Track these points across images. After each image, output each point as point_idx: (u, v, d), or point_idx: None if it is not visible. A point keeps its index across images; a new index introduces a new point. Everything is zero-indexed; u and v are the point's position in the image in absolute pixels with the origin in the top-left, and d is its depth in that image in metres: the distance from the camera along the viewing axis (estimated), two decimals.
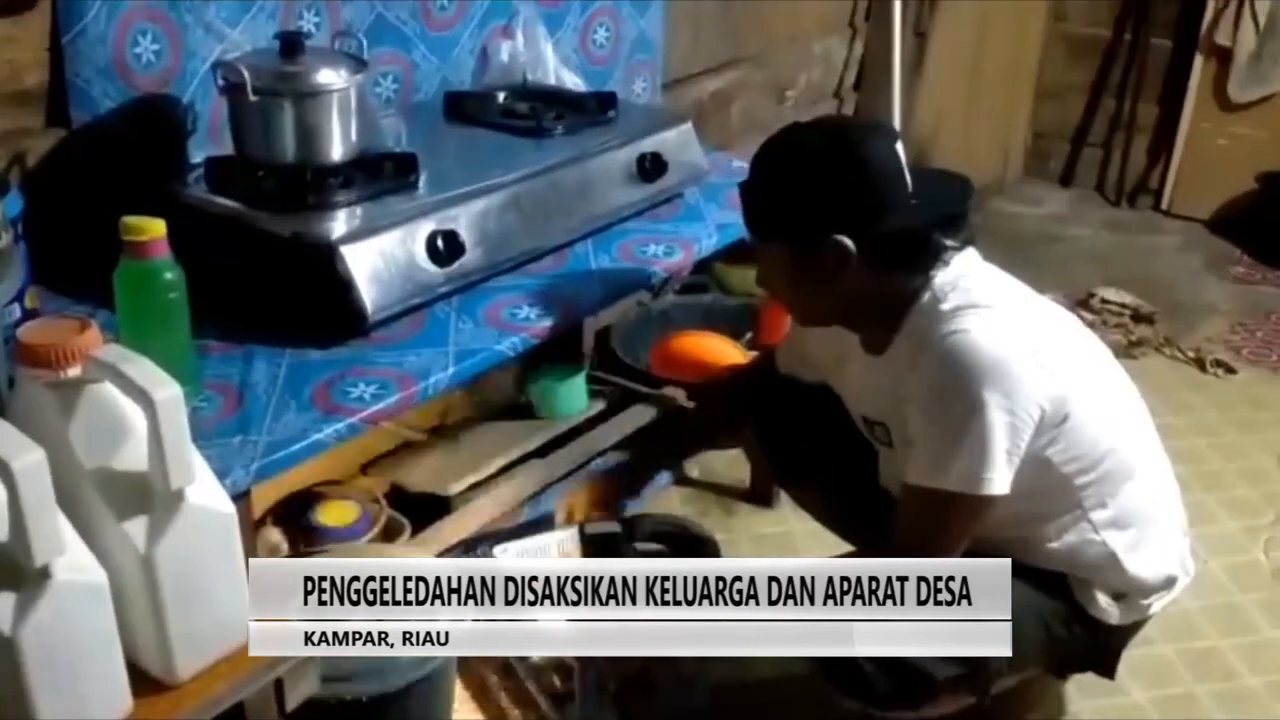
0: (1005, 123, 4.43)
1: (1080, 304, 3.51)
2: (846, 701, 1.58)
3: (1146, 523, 1.59)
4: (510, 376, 2.45)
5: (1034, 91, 4.51)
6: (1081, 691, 1.79)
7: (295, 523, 2.07)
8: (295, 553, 2.01)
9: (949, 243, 1.51)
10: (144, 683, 1.13)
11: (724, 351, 2.43)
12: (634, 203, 1.88)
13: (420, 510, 2.16)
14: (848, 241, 1.45)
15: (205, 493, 1.13)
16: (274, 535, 2.02)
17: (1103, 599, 1.61)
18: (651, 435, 2.13)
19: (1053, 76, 4.47)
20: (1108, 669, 1.71)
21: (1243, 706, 1.99)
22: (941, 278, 1.50)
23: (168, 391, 1.06)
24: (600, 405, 2.47)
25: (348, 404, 1.37)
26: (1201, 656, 2.10)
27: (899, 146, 1.49)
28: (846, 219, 1.46)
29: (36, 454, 0.97)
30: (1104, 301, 3.47)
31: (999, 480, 1.44)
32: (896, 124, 3.55)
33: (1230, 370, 3.18)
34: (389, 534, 2.12)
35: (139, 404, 1.06)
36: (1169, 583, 1.65)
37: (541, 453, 2.34)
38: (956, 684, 1.55)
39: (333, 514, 2.09)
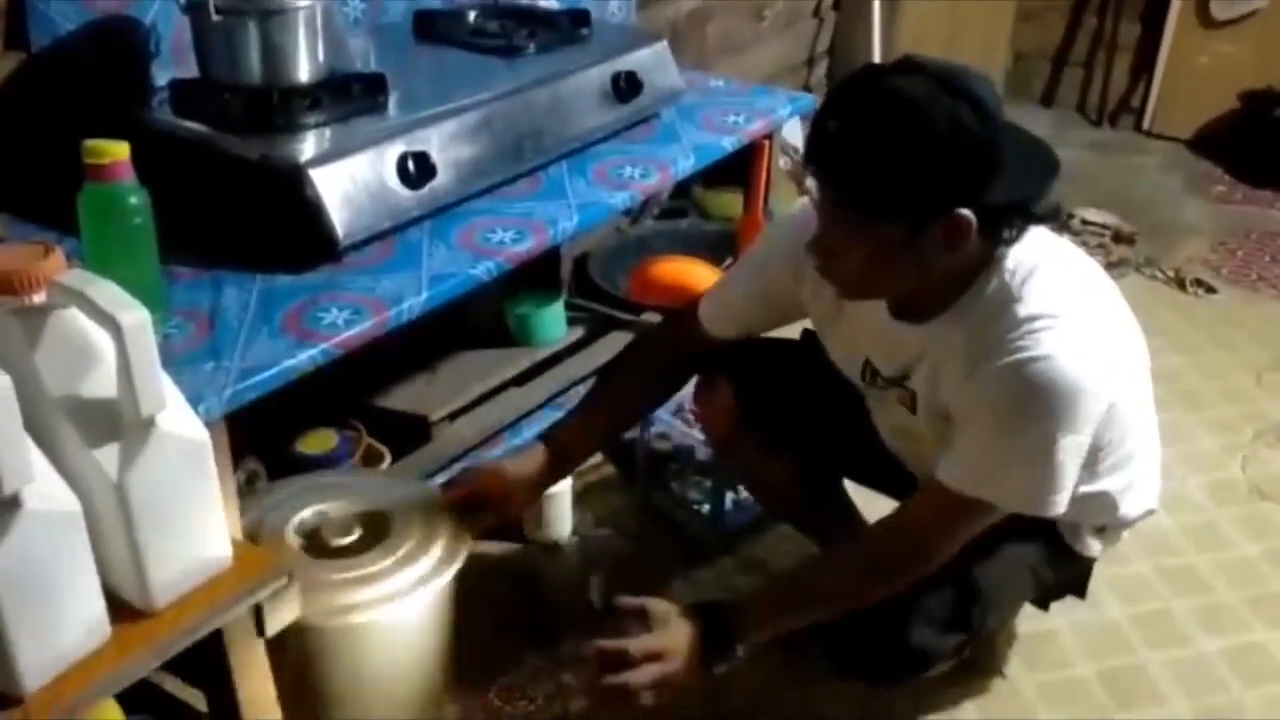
0: (986, 43, 4.38)
1: (1060, 225, 3.50)
2: (850, 682, 1.60)
3: (1138, 463, 1.58)
4: (489, 303, 2.43)
5: (1015, 11, 4.46)
6: (1059, 608, 1.80)
7: (274, 451, 2.07)
8: (274, 481, 2.01)
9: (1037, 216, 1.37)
10: (122, 610, 1.12)
11: (703, 276, 2.41)
12: (609, 124, 1.85)
13: (399, 437, 2.16)
14: (969, 214, 1.28)
15: (177, 420, 1.11)
16: (252, 464, 2.01)
17: (1089, 537, 1.62)
18: None
19: None
20: (1081, 590, 1.74)
21: (1218, 621, 2.01)
22: (1011, 255, 1.37)
23: (135, 316, 1.04)
24: (579, 332, 2.47)
25: (320, 330, 1.35)
26: (1178, 572, 2.12)
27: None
28: (966, 188, 1.28)
29: (2, 381, 0.95)
30: (1084, 222, 3.46)
31: (1058, 503, 1.40)
32: (876, 45, 3.51)
33: (1210, 290, 3.18)
34: (368, 461, 2.12)
35: (106, 329, 1.04)
36: (1148, 514, 1.66)
37: (521, 380, 2.34)
38: (956, 650, 1.57)
39: (312, 442, 2.09)
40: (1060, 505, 1.40)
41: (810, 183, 1.36)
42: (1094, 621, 1.97)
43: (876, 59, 3.46)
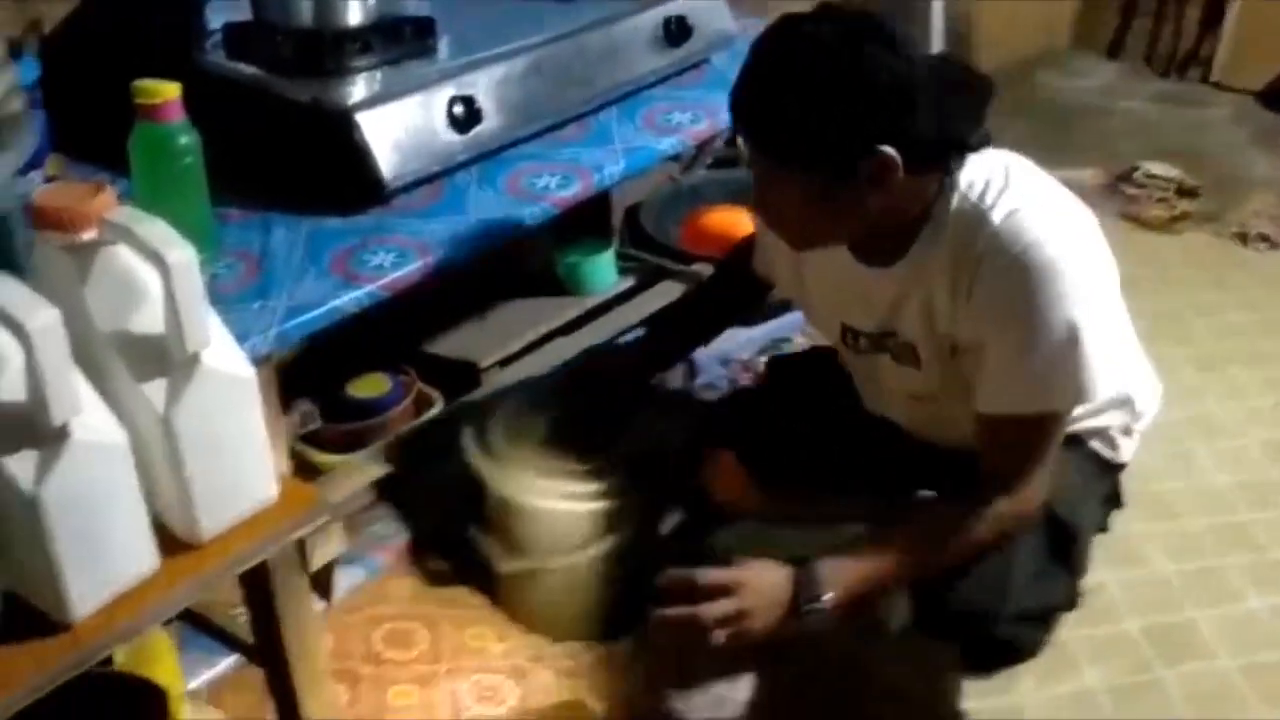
0: None
1: (1122, 178, 3.43)
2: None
3: (1129, 352, 1.55)
4: (541, 251, 2.44)
5: None
6: (1107, 562, 1.77)
7: (328, 394, 2.10)
8: (326, 422, 2.04)
9: (974, 144, 1.35)
10: (170, 542, 1.15)
11: (754, 226, 2.40)
12: (659, 69, 1.83)
13: (450, 382, 2.18)
14: (892, 152, 1.27)
15: (223, 357, 1.13)
16: (304, 405, 2.04)
17: (1120, 439, 1.58)
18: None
19: None
20: (1119, 501, 1.68)
21: (1270, 579, 1.98)
22: (965, 177, 1.36)
23: (181, 254, 1.06)
24: (630, 282, 2.47)
25: (367, 272, 1.37)
26: (1231, 530, 2.09)
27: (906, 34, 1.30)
28: (884, 127, 1.27)
29: (51, 314, 0.97)
30: (1148, 175, 3.39)
31: (1104, 384, 1.36)
32: None
33: (1274, 245, 3.11)
34: (420, 405, 2.14)
35: (153, 266, 1.06)
36: (1154, 402, 1.62)
37: (570, 328, 2.34)
38: (1072, 598, 1.56)
39: (364, 386, 2.11)
40: (1107, 387, 1.37)
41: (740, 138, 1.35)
42: (1142, 577, 1.95)
43: (937, 7, 3.41)
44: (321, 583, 1.44)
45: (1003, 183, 1.36)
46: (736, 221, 2.51)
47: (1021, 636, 1.51)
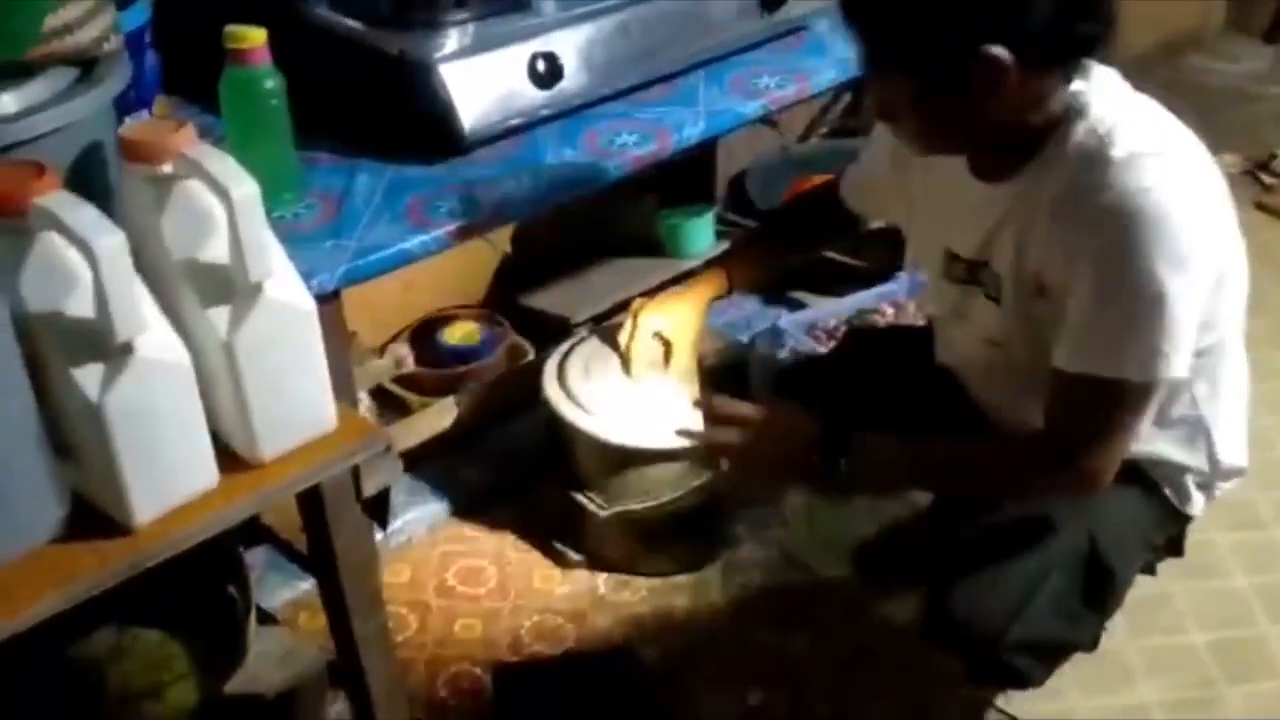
0: None
1: (1260, 166, 3.31)
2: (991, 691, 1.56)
3: (1231, 401, 1.48)
4: (642, 213, 2.48)
5: None
6: (1175, 572, 1.72)
7: (424, 339, 2.18)
8: (419, 367, 2.12)
9: (1088, 60, 1.29)
10: (230, 460, 1.22)
11: None
12: (753, 33, 1.84)
13: (543, 335, 2.24)
14: (1002, 52, 1.21)
15: (285, 288, 1.19)
16: (401, 349, 2.13)
17: (1193, 490, 1.52)
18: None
19: None
20: (1179, 549, 1.64)
21: None
22: (1097, 105, 1.29)
23: (245, 189, 1.12)
24: (727, 245, 2.49)
25: (438, 218, 1.43)
26: None
27: None
28: (994, 23, 1.21)
29: (117, 237, 1.04)
30: None
31: (1179, 363, 1.27)
32: None
33: None
34: (513, 355, 2.21)
35: (219, 199, 1.13)
36: (1239, 471, 1.54)
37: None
38: (1094, 639, 1.53)
39: (458, 334, 2.19)
40: (1180, 367, 1.27)
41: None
42: (1212, 588, 1.90)
43: None
44: (377, 510, 1.51)
45: (1139, 124, 1.29)
46: None
47: (1025, 665, 1.46)
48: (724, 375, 1.54)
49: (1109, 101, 1.30)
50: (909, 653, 1.76)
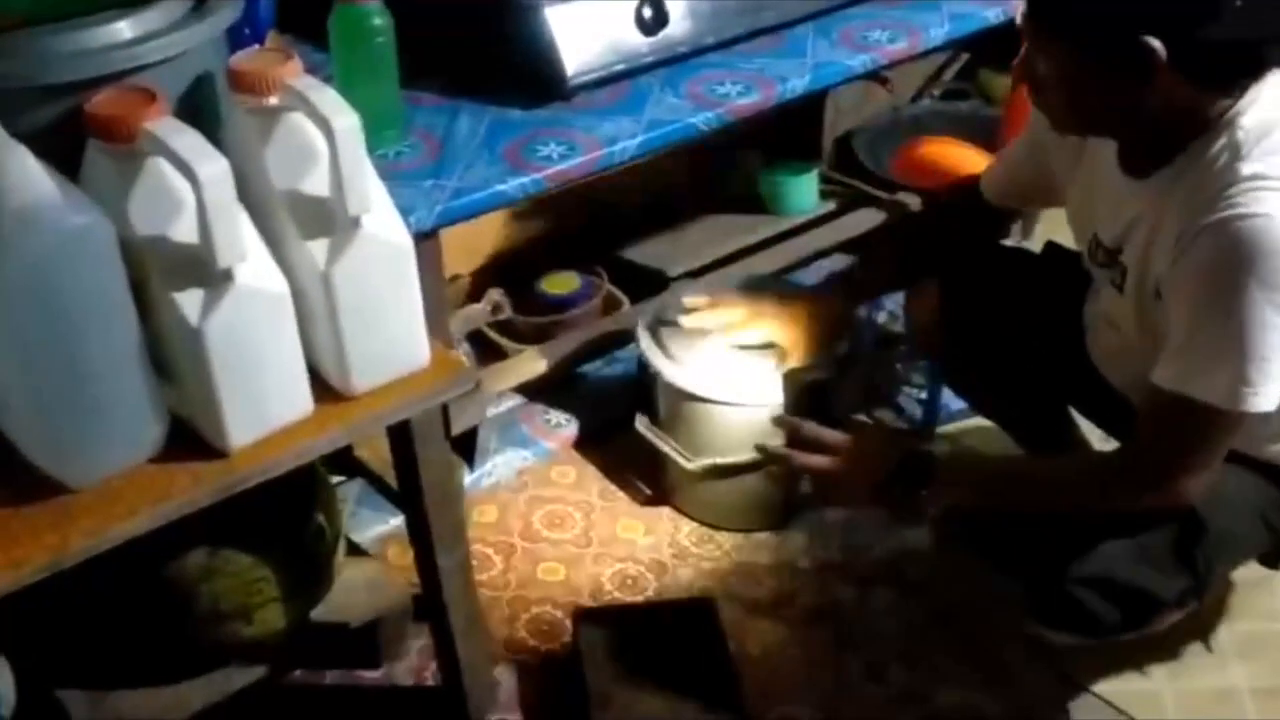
0: None
1: None
2: (1060, 637, 1.50)
3: None
4: (745, 169, 2.46)
5: None
6: None
7: (522, 286, 2.20)
8: (516, 313, 2.14)
9: (1267, 68, 1.25)
10: (325, 392, 1.24)
11: (969, 159, 2.34)
12: None
13: (640, 288, 2.25)
14: (1159, 46, 1.20)
15: (383, 224, 1.21)
16: (496, 294, 2.15)
17: None
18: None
19: None
20: None
21: None
22: (1250, 115, 1.25)
23: (346, 121, 1.13)
24: (830, 206, 2.46)
25: (535, 161, 1.43)
26: None
27: None
28: (1164, 19, 1.20)
29: (220, 164, 1.06)
30: None
31: (1266, 398, 1.25)
32: None
33: None
34: (608, 306, 2.22)
35: (321, 131, 1.15)
36: None
37: (764, 246, 2.36)
38: (1181, 597, 1.45)
39: (555, 283, 2.20)
40: (1263, 402, 1.25)
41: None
42: None
43: None
44: (465, 448, 1.53)
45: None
46: (949, 154, 2.45)
47: (1094, 603, 1.41)
48: (810, 393, 1.56)
49: (1262, 114, 1.26)
50: (990, 620, 1.74)
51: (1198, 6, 1.19)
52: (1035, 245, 1.86)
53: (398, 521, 1.80)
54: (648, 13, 1.56)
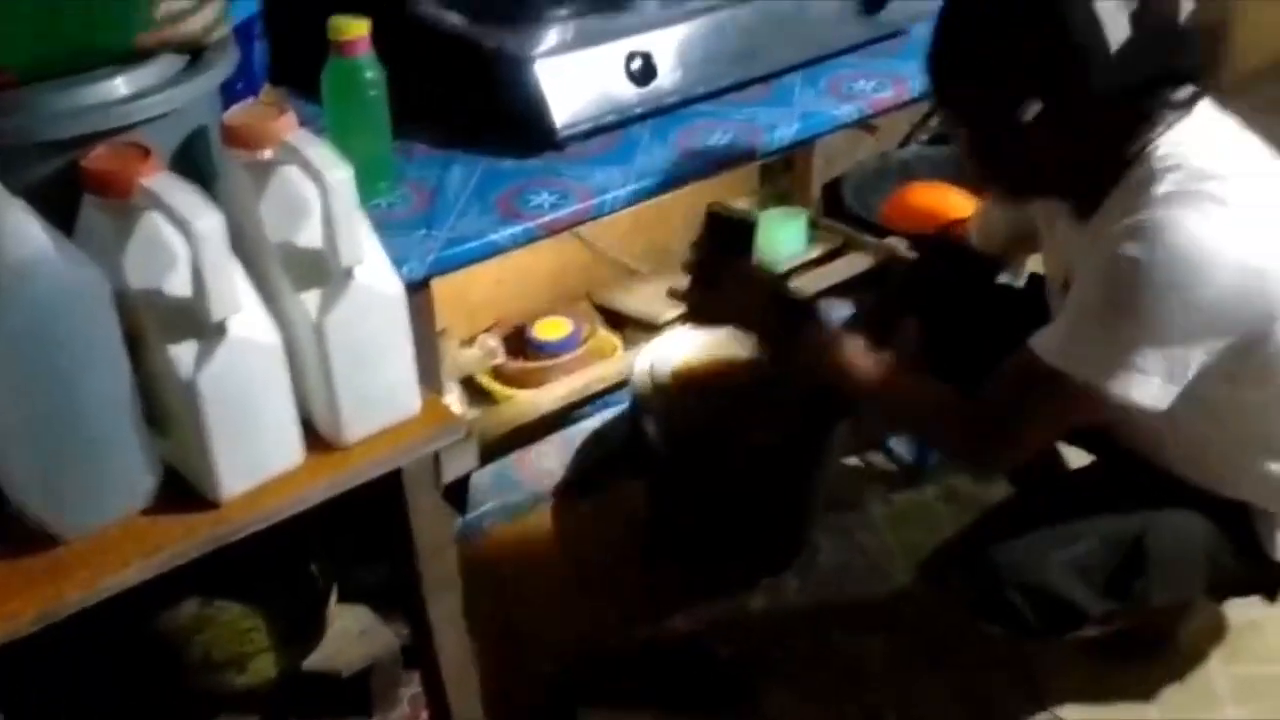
0: None
1: None
2: (990, 628, 1.53)
3: None
4: (734, 215, 2.48)
5: None
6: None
7: (514, 336, 2.21)
8: (508, 359, 2.15)
9: (1171, 101, 1.29)
10: (316, 441, 1.25)
11: (960, 205, 2.36)
12: (850, 36, 1.83)
13: (632, 332, 2.26)
14: (1035, 108, 1.26)
15: (375, 274, 1.22)
16: (491, 341, 2.16)
17: (1275, 529, 1.49)
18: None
19: None
20: (1270, 592, 1.61)
21: None
22: (1162, 149, 1.30)
23: (339, 174, 1.15)
24: (818, 250, 2.48)
25: (527, 211, 1.45)
26: None
27: None
28: (1037, 83, 1.26)
29: (216, 218, 1.08)
30: None
31: (1140, 389, 1.29)
32: None
33: None
34: (600, 351, 2.23)
35: (315, 184, 1.16)
36: None
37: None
38: (1108, 616, 1.49)
39: (547, 328, 2.21)
40: (1143, 396, 1.28)
41: None
42: None
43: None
44: (456, 496, 1.54)
45: (1192, 160, 1.28)
46: (940, 198, 2.47)
47: (1025, 610, 1.45)
48: (728, 229, 1.69)
49: (1176, 143, 1.30)
50: (982, 664, 1.74)
51: (1066, 65, 1.23)
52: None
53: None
54: (637, 64, 1.59)
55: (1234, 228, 1.25)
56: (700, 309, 1.63)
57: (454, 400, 1.91)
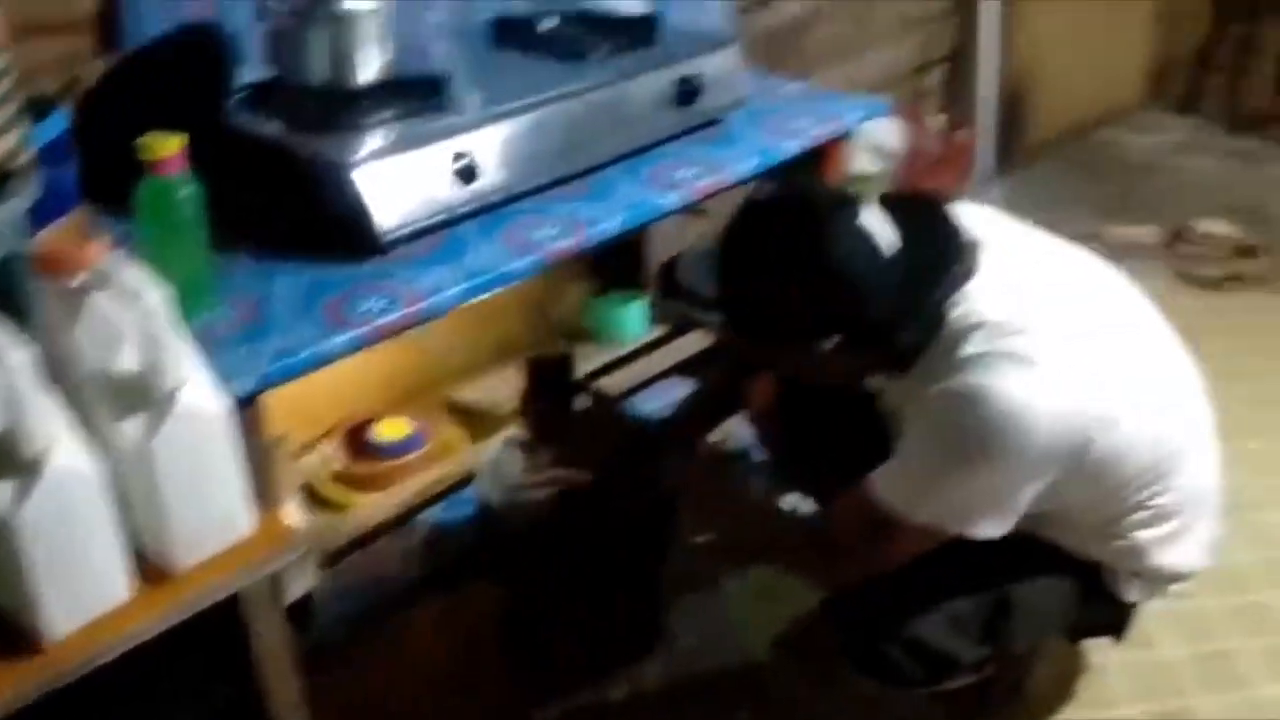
0: (1121, 47, 4.26)
1: (1178, 236, 3.40)
2: (865, 682, 1.59)
3: (1184, 516, 1.55)
4: (575, 302, 2.50)
5: (1151, 14, 4.32)
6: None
7: (354, 438, 2.18)
8: (349, 463, 2.12)
9: (954, 282, 1.41)
10: (147, 570, 1.21)
11: None
12: (668, 127, 1.88)
13: (476, 426, 2.25)
14: (832, 344, 1.39)
15: (200, 395, 1.20)
16: (330, 446, 2.12)
17: (1124, 582, 1.59)
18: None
19: None
20: (1118, 632, 1.70)
21: None
22: (959, 308, 1.40)
23: (155, 297, 1.13)
24: (660, 331, 2.52)
25: (356, 318, 1.43)
26: (1249, 611, 2.04)
27: (863, 216, 1.37)
28: (826, 323, 1.39)
29: (24, 351, 1.05)
30: (1204, 234, 3.35)
31: (979, 530, 1.42)
32: (991, 49, 3.44)
33: None
34: (445, 448, 2.21)
35: (131, 307, 1.14)
36: (1192, 574, 1.62)
37: (598, 375, 2.40)
38: (979, 663, 1.58)
39: (388, 429, 2.19)
40: (982, 533, 1.41)
41: None
42: (1148, 660, 1.92)
43: (991, 64, 3.42)
44: (299, 614, 1.50)
45: (988, 316, 1.38)
46: None
47: (905, 662, 1.53)
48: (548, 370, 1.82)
49: (970, 295, 1.40)
50: None
51: (852, 305, 1.35)
52: None
53: None
54: (460, 165, 1.59)
55: (1044, 384, 1.35)
56: (559, 462, 1.72)
57: (294, 511, 1.87)
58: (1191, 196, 3.72)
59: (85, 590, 1.16)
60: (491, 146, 1.65)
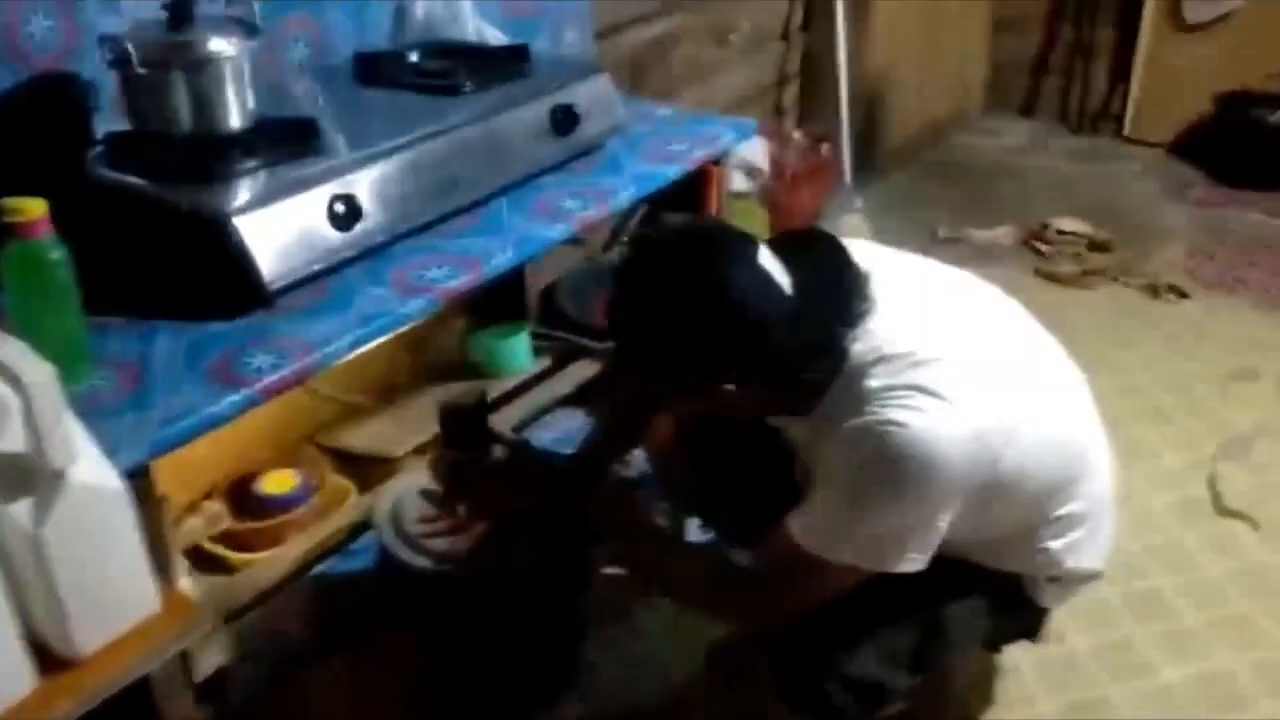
0: (963, 56, 4.40)
1: (1034, 236, 3.51)
2: (804, 716, 1.58)
3: (1087, 521, 1.58)
4: (455, 337, 2.46)
5: (990, 22, 4.48)
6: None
7: (238, 494, 2.09)
8: (237, 520, 2.03)
9: (854, 330, 1.41)
10: (49, 659, 1.14)
11: None
12: (548, 157, 1.86)
13: (366, 473, 2.18)
14: (731, 384, 1.38)
15: (91, 471, 1.14)
16: (214, 507, 2.04)
17: (1044, 587, 1.63)
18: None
19: (1010, 6, 4.43)
20: (1033, 634, 1.74)
21: (1183, 648, 1.99)
22: (859, 342, 1.40)
23: (39, 374, 1.07)
24: (546, 362, 2.49)
25: (245, 375, 1.37)
26: (1144, 597, 2.10)
27: (762, 254, 1.36)
28: (728, 364, 1.37)
29: None
30: (1059, 232, 3.47)
31: (903, 564, 1.41)
32: (843, 65, 3.51)
33: (1183, 295, 3.18)
34: (335, 498, 2.14)
35: (11, 388, 1.07)
36: (1099, 574, 1.67)
37: (488, 410, 2.35)
38: (911, 691, 1.57)
39: (274, 483, 2.11)
40: (901, 567, 1.41)
41: None
42: (1059, 655, 1.96)
43: (844, 78, 3.48)
44: (210, 690, 1.42)
45: (890, 347, 1.38)
46: None
47: (843, 701, 1.52)
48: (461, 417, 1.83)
49: (870, 341, 1.40)
50: None
51: (750, 344, 1.33)
52: None
53: None
54: (340, 208, 1.54)
55: (951, 412, 1.35)
56: (481, 511, 1.71)
57: (182, 577, 1.78)
58: (1042, 196, 3.86)
59: None
60: (372, 187, 1.60)
